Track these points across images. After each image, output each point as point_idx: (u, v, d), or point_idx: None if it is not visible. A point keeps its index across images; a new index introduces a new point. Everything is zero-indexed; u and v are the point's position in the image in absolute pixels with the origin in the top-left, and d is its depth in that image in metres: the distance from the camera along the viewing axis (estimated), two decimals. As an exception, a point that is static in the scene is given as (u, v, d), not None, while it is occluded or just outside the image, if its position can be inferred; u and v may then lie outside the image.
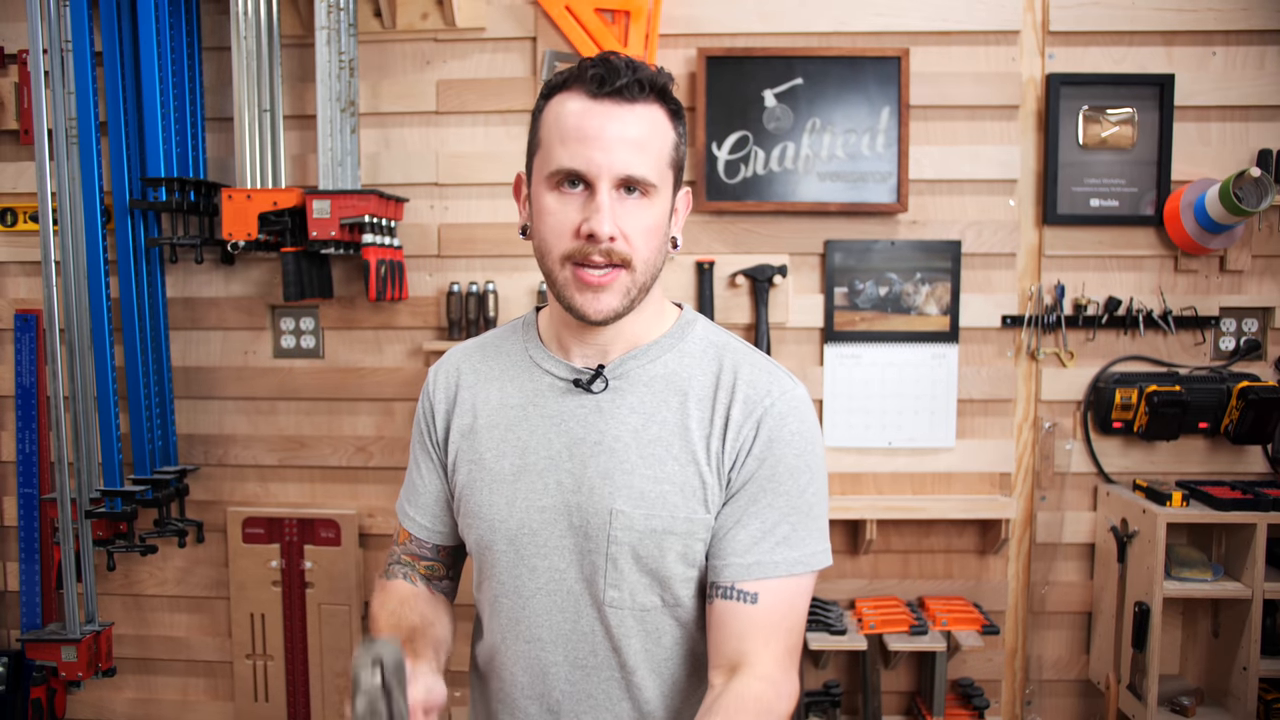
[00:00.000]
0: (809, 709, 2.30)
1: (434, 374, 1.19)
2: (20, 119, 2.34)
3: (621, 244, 0.98)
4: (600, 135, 0.96)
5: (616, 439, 1.04)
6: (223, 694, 2.50)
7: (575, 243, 0.98)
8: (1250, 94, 2.25)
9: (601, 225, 0.96)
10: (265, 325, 2.41)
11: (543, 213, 1.00)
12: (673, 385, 1.06)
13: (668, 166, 1.01)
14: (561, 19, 2.25)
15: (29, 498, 2.38)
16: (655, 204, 1.00)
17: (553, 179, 0.99)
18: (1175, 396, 2.19)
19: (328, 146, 2.18)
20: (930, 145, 2.29)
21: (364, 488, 2.42)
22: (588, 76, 0.97)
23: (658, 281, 1.06)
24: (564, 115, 0.98)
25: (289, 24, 2.30)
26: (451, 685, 2.48)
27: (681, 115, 1.05)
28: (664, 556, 1.02)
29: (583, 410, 1.06)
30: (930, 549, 2.37)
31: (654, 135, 0.99)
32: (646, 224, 0.99)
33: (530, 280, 2.35)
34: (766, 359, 1.10)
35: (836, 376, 2.32)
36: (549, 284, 1.03)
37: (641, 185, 0.98)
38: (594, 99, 0.97)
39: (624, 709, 1.07)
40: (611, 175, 0.96)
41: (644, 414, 1.05)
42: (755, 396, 1.04)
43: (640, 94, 0.98)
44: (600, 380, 1.06)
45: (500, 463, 1.08)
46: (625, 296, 1.00)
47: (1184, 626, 2.34)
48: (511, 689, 1.10)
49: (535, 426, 1.08)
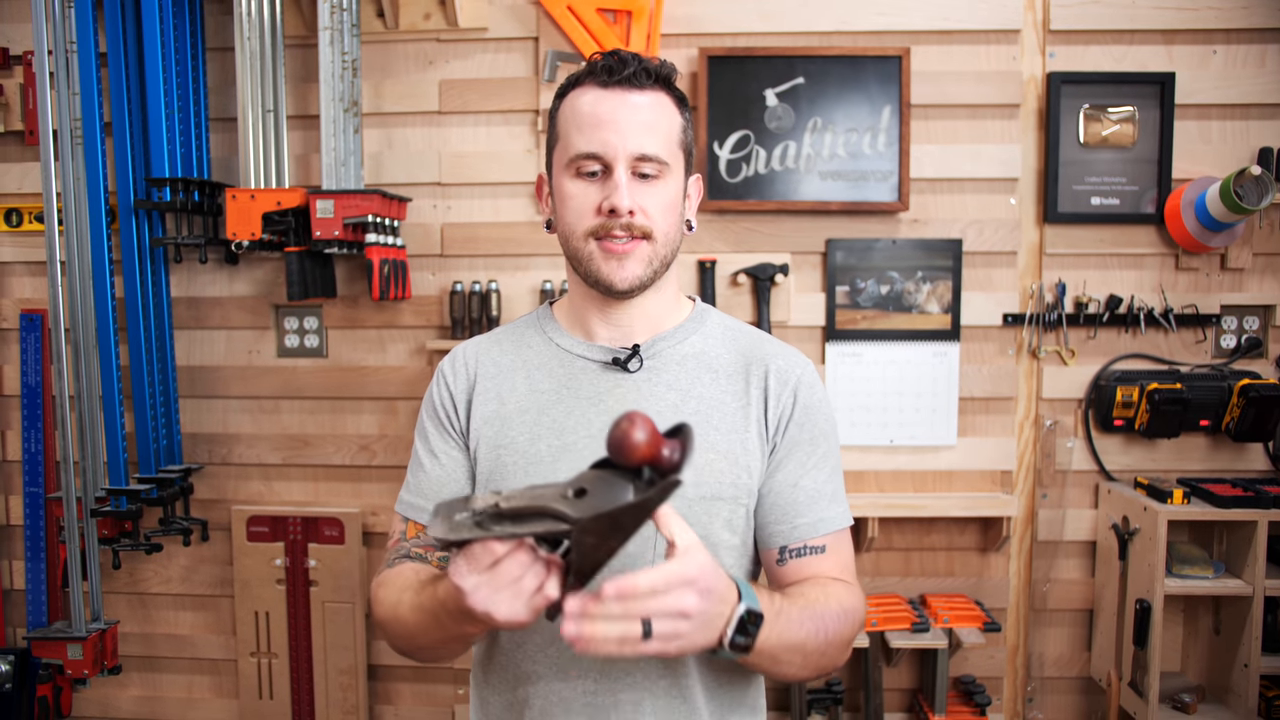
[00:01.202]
0: (811, 706, 2.30)
1: (449, 363, 1.19)
2: (25, 119, 2.35)
3: (641, 218, 1.05)
4: (614, 119, 1.04)
5: (658, 414, 1.06)
6: (227, 691, 2.51)
7: (598, 219, 1.05)
8: (1251, 92, 2.25)
9: (621, 199, 1.03)
10: (269, 324, 2.42)
11: (565, 198, 1.08)
12: (703, 363, 1.13)
13: (677, 147, 1.09)
14: (564, 19, 2.25)
15: (35, 497, 2.39)
16: (669, 182, 1.07)
17: (572, 165, 1.06)
18: (1176, 394, 2.20)
19: (331, 146, 2.19)
20: (931, 144, 2.29)
21: (367, 486, 2.43)
22: (598, 69, 1.06)
23: (674, 268, 1.14)
24: (579, 106, 1.06)
25: (292, 25, 2.31)
26: (455, 684, 2.50)
27: (686, 103, 1.12)
28: (712, 523, 1.07)
29: (620, 389, 1.11)
30: (932, 547, 2.38)
31: (662, 117, 1.07)
32: (662, 200, 1.06)
33: (533, 279, 2.36)
34: (778, 339, 1.19)
35: (838, 375, 2.33)
36: (574, 264, 1.09)
37: (655, 164, 1.05)
38: (605, 88, 1.05)
39: (661, 687, 1.07)
40: (626, 154, 1.04)
41: (681, 390, 1.11)
42: (786, 368, 1.13)
43: (647, 81, 1.06)
44: (636, 359, 1.11)
45: (535, 445, 1.09)
46: (648, 266, 1.07)
47: (1185, 624, 2.34)
48: (546, 671, 1.08)
49: (571, 408, 1.10)
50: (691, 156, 1.13)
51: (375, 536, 2.43)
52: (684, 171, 1.11)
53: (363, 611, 2.40)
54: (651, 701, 1.06)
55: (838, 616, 1.02)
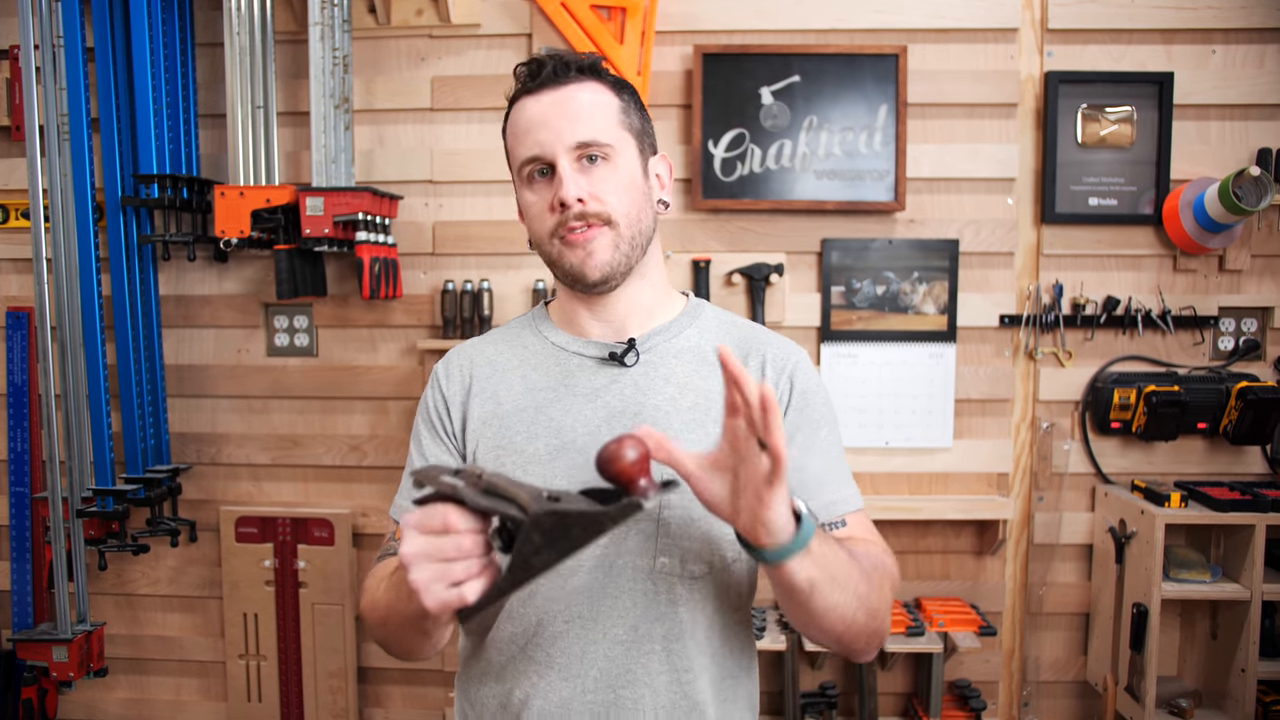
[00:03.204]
0: (805, 710, 2.28)
1: (444, 366, 1.19)
2: (11, 115, 2.32)
3: (594, 204, 1.05)
4: (544, 118, 1.06)
5: (656, 409, 1.08)
6: (215, 694, 2.48)
7: (553, 217, 1.06)
8: (1250, 92, 2.24)
9: (566, 191, 1.03)
10: (258, 323, 2.40)
11: (526, 208, 1.10)
12: (699, 356, 1.13)
13: (619, 129, 1.08)
14: (557, 15, 2.23)
15: (20, 496, 2.36)
16: (618, 164, 1.07)
17: (524, 174, 1.09)
18: (1174, 396, 2.18)
19: (321, 143, 2.16)
20: (928, 143, 2.28)
21: (358, 487, 2.41)
22: (523, 78, 1.09)
23: (658, 258, 1.15)
24: (516, 120, 1.10)
25: (282, 20, 2.28)
26: (445, 686, 2.47)
27: (624, 87, 1.12)
28: (714, 517, 1.05)
29: (617, 385, 1.10)
30: (927, 549, 2.36)
31: (593, 103, 1.07)
32: (615, 183, 1.06)
33: (525, 278, 2.34)
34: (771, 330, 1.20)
35: (833, 376, 2.31)
36: (550, 266, 1.11)
37: (598, 149, 1.05)
38: (533, 94, 1.08)
39: (663, 682, 1.06)
40: (564, 146, 1.04)
41: (678, 384, 1.10)
42: (781, 356, 1.13)
43: (568, 74, 1.07)
44: (633, 353, 1.11)
45: (533, 444, 1.08)
46: (616, 251, 1.07)
47: (1182, 628, 2.32)
48: (548, 671, 1.07)
49: (569, 405, 1.10)
50: (645, 136, 1.12)
51: (365, 538, 2.40)
52: (637, 152, 1.10)
53: (352, 613, 2.37)
54: (653, 699, 1.05)
55: (879, 565, 1.01)
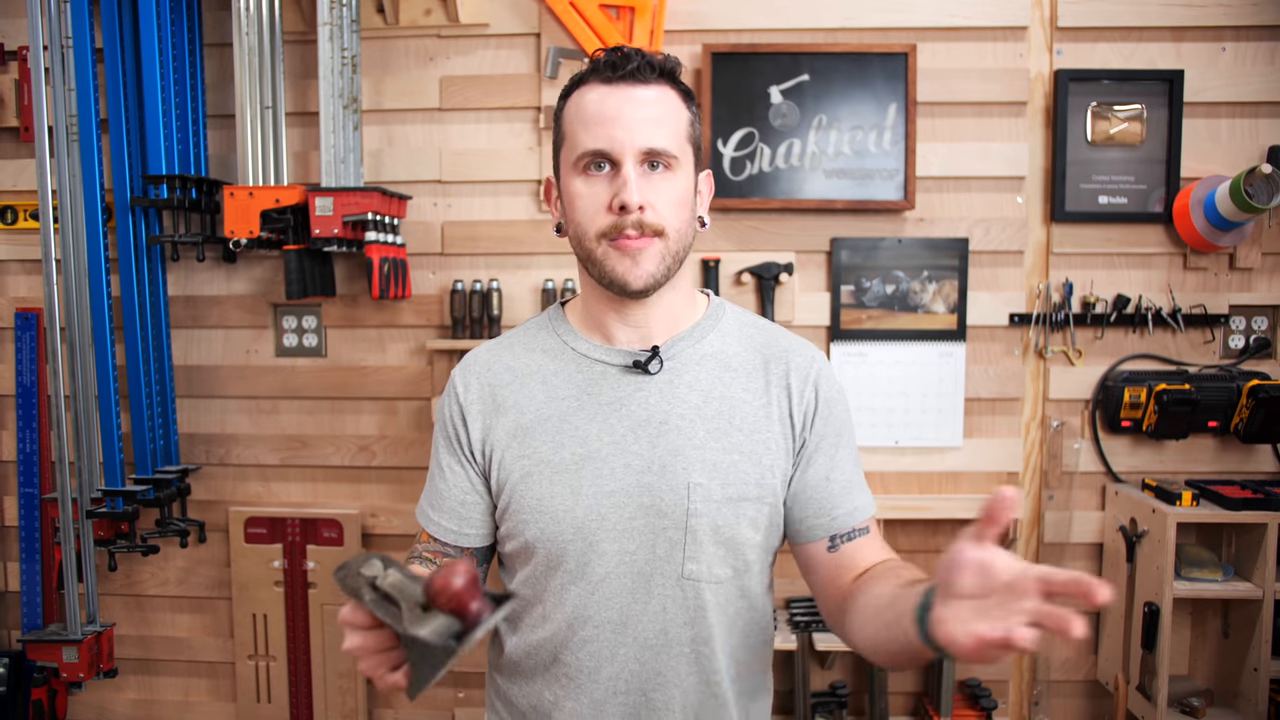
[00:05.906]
0: (815, 710, 2.28)
1: (461, 376, 1.17)
2: (20, 116, 2.32)
3: (652, 214, 1.04)
4: (620, 115, 1.03)
5: (681, 417, 1.08)
6: (225, 695, 2.48)
7: (609, 218, 1.04)
8: (1261, 90, 2.23)
9: (631, 195, 1.01)
10: (267, 324, 2.40)
11: (574, 198, 1.06)
12: (721, 362, 1.13)
13: (685, 141, 1.08)
14: (566, 15, 2.23)
15: (30, 497, 2.36)
16: (679, 177, 1.06)
17: (580, 163, 1.05)
18: (1184, 395, 2.17)
19: (330, 144, 2.16)
20: (937, 142, 2.27)
21: (367, 487, 2.41)
22: (602, 66, 1.05)
23: (688, 266, 1.13)
24: (584, 104, 1.05)
25: (291, 20, 2.28)
26: (456, 686, 2.47)
27: (692, 98, 1.12)
28: (738, 523, 1.08)
29: (641, 393, 1.10)
30: (937, 548, 2.36)
31: (669, 112, 1.06)
32: (673, 196, 1.05)
33: (534, 278, 2.34)
34: (791, 333, 1.21)
35: (843, 375, 2.30)
36: (587, 266, 1.09)
37: (664, 158, 1.04)
38: (610, 85, 1.04)
39: (691, 683, 1.08)
40: (635, 149, 1.02)
41: (702, 391, 1.11)
42: (804, 364, 1.14)
43: (652, 75, 1.05)
44: (657, 361, 1.10)
45: (559, 454, 1.08)
46: (661, 263, 1.06)
47: (1193, 627, 2.32)
48: (577, 674, 1.09)
49: (593, 414, 1.09)
50: (700, 151, 1.12)
51: (374, 538, 2.40)
52: (693, 166, 1.10)
53: (362, 614, 2.37)
54: (682, 699, 1.08)
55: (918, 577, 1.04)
